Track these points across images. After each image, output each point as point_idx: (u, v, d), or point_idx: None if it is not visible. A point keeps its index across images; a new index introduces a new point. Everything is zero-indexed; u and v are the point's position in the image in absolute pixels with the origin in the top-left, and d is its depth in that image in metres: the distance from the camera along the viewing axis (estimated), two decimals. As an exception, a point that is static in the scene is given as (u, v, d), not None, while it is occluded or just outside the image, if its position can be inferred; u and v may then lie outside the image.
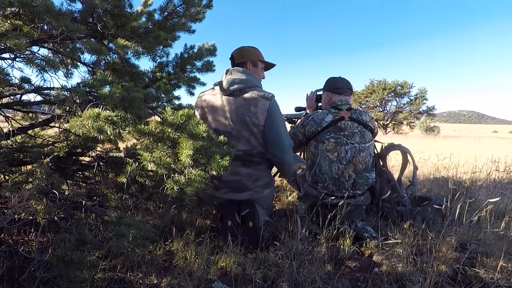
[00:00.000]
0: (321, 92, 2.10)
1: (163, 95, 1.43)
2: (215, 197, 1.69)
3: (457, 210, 1.47)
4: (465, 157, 4.50)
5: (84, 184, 1.90)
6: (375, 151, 1.98)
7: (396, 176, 2.06)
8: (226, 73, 1.71)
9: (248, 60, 1.75)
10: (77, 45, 1.53)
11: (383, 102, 24.05)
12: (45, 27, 1.21)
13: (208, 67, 1.99)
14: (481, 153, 5.64)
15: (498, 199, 1.39)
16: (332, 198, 1.68)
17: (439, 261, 1.30)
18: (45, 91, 1.34)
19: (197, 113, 1.77)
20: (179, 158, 0.97)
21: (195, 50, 1.93)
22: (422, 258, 1.36)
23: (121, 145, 1.92)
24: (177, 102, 1.96)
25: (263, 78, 1.87)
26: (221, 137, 1.10)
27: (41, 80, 1.29)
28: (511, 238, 1.53)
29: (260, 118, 1.61)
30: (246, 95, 1.61)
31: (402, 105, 23.94)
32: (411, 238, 1.47)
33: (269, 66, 1.92)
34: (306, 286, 1.15)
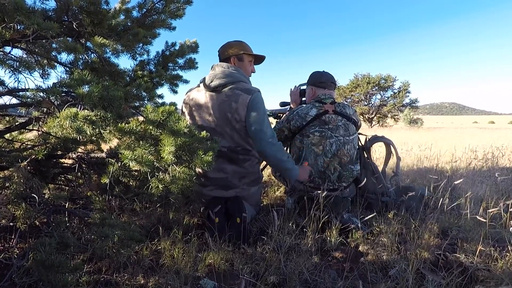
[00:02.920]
0: (305, 87, 2.11)
1: (144, 94, 1.41)
2: (202, 194, 1.68)
3: (440, 199, 1.51)
4: (447, 147, 4.64)
5: (67, 188, 1.86)
6: (360, 144, 2.01)
7: (380, 168, 2.10)
8: (211, 69, 1.70)
9: (232, 55, 1.70)
10: (53, 44, 1.48)
11: (368, 96, 24.47)
12: (18, 27, 1.16)
13: (191, 65, 1.97)
14: (461, 143, 5.83)
15: (462, 179, 1.46)
16: (319, 191, 1.70)
17: (422, 248, 1.34)
18: (21, 93, 1.30)
19: (185, 111, 1.75)
20: (162, 156, 0.96)
21: (177, 48, 1.90)
22: (405, 246, 1.39)
23: (105, 147, 1.88)
24: (160, 100, 1.93)
25: (252, 72, 1.81)
26: (204, 133, 1.09)
27: (15, 81, 1.24)
28: (489, 223, 1.59)
29: (241, 113, 1.57)
30: (228, 90, 1.58)
31: (386, 98, 24.42)
32: (395, 227, 1.51)
33: (259, 59, 1.85)
34: (294, 278, 1.16)
